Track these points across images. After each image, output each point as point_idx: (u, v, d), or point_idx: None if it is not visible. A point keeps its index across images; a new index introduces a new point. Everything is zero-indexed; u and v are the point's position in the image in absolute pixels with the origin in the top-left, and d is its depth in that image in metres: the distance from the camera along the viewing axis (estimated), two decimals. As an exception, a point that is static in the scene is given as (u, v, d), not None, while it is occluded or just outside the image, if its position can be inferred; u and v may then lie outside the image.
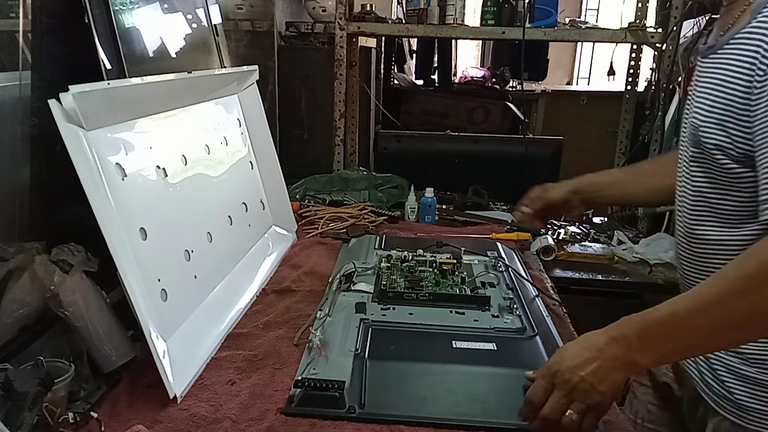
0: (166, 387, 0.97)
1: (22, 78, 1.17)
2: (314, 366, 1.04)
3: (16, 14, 1.18)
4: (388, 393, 0.99)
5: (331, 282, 1.45)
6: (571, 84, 6.08)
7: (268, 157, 1.75)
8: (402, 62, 4.06)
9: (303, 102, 2.60)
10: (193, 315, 1.16)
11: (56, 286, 0.98)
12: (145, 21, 1.37)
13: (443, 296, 1.33)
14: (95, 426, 0.92)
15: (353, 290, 1.36)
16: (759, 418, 0.96)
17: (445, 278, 1.43)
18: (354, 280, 1.41)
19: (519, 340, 1.16)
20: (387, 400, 0.97)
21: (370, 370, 1.03)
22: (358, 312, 1.25)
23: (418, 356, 1.09)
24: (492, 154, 2.57)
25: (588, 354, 0.83)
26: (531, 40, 2.28)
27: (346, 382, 0.98)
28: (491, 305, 1.30)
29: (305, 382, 0.97)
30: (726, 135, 0.88)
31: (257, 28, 2.48)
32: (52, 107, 0.90)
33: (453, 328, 1.20)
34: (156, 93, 1.19)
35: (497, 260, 1.57)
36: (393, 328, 1.20)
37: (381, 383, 1.01)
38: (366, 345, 1.11)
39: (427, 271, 1.47)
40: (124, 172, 1.04)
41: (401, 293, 1.32)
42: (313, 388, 0.97)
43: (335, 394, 0.96)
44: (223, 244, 1.38)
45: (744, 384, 0.97)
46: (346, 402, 0.95)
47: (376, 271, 1.47)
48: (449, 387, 1.00)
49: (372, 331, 1.16)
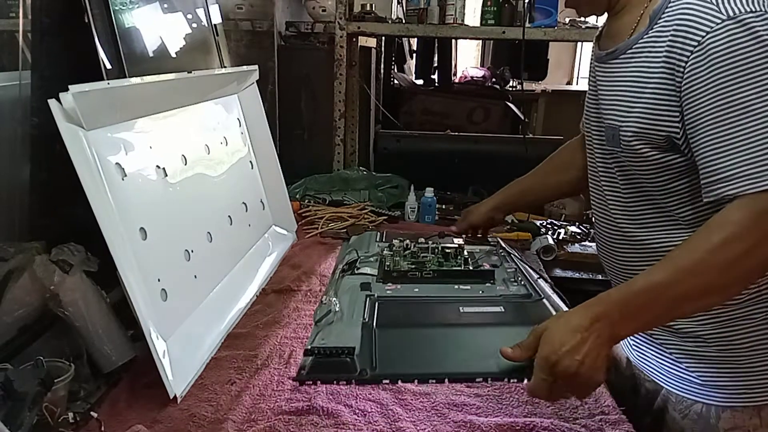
0: (166, 387, 0.97)
1: (22, 78, 1.17)
2: (323, 336, 1.03)
3: (16, 14, 1.18)
4: (398, 356, 0.98)
5: (334, 270, 1.44)
6: (571, 84, 6.08)
7: (268, 157, 1.75)
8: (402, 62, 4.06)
9: (303, 102, 2.60)
10: (193, 315, 1.16)
11: (56, 286, 0.98)
12: (145, 21, 1.37)
13: (448, 272, 1.31)
14: (95, 426, 0.92)
15: (357, 273, 1.34)
16: (728, 393, 1.02)
17: (448, 261, 1.42)
18: (357, 265, 1.40)
19: (526, 304, 1.16)
20: (398, 362, 0.96)
21: (379, 336, 1.02)
22: (363, 290, 1.23)
23: (426, 323, 1.08)
24: (492, 154, 2.56)
25: (579, 336, 0.85)
26: (531, 40, 2.28)
27: (356, 348, 0.97)
28: (495, 279, 1.29)
29: (315, 350, 0.96)
30: (649, 125, 0.95)
31: (257, 28, 2.48)
32: (52, 107, 0.90)
33: (459, 298, 1.19)
34: (156, 93, 1.19)
35: (498, 247, 1.56)
36: (399, 300, 1.19)
37: (390, 347, 1.00)
38: (373, 316, 1.10)
39: (430, 255, 1.46)
40: (124, 172, 1.04)
41: (405, 272, 1.31)
42: (323, 355, 0.96)
43: (346, 359, 0.95)
44: (223, 244, 1.38)
45: (706, 365, 1.03)
46: (357, 366, 0.95)
47: (379, 258, 1.46)
48: (459, 345, 1.00)
49: (378, 304, 1.15)
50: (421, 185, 2.14)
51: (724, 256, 0.83)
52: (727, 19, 0.84)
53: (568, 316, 0.88)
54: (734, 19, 0.84)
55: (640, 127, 0.97)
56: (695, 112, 0.89)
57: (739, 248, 0.82)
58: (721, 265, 0.83)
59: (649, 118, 0.95)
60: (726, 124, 0.85)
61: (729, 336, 1.01)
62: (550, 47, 4.44)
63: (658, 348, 1.09)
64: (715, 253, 0.83)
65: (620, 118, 1.01)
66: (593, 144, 1.14)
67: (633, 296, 0.87)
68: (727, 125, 0.85)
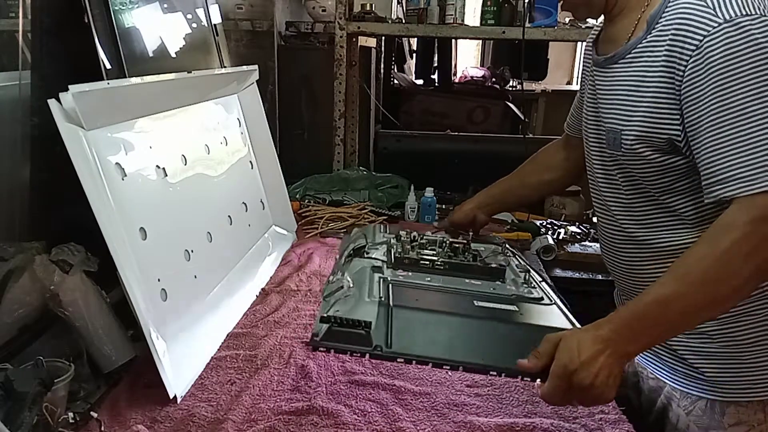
0: (166, 387, 0.97)
1: (22, 78, 1.17)
2: (338, 308, 1.00)
3: (16, 14, 1.18)
4: (413, 337, 0.96)
5: (340, 255, 1.42)
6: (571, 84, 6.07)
7: (268, 157, 1.75)
8: (402, 62, 4.05)
9: (303, 102, 2.60)
10: (193, 315, 1.16)
11: (56, 286, 0.98)
12: (145, 21, 1.37)
13: (459, 266, 1.30)
14: (95, 426, 0.92)
15: (366, 257, 1.33)
16: (732, 389, 1.02)
17: (456, 256, 1.41)
18: (366, 250, 1.38)
19: (539, 306, 1.15)
20: (413, 344, 0.94)
21: (396, 316, 1.00)
22: (375, 272, 1.22)
23: (441, 310, 1.07)
24: (492, 154, 2.56)
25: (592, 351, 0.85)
26: (531, 39, 2.28)
27: (372, 323, 0.95)
28: (506, 278, 1.28)
29: (331, 319, 0.94)
30: (651, 128, 0.96)
31: (257, 28, 2.48)
32: (52, 107, 0.90)
33: (472, 291, 1.18)
34: (156, 93, 1.19)
35: (503, 246, 1.56)
36: (413, 286, 1.17)
37: (407, 328, 0.98)
38: (389, 296, 1.08)
39: (438, 249, 1.45)
40: (124, 172, 1.04)
41: (416, 260, 1.30)
42: (339, 324, 0.93)
43: (362, 332, 0.93)
44: (223, 244, 1.38)
45: (710, 361, 1.03)
46: (372, 341, 0.92)
47: (387, 246, 1.44)
48: (474, 337, 0.98)
49: (393, 286, 1.14)
50: (421, 185, 2.14)
51: (731, 262, 0.83)
52: (724, 23, 0.85)
53: (581, 334, 0.88)
54: (731, 23, 0.85)
55: (642, 130, 0.97)
56: (694, 115, 0.89)
57: (744, 251, 0.83)
58: (729, 271, 0.83)
59: (650, 121, 0.96)
60: (723, 127, 0.86)
61: (733, 332, 1.01)
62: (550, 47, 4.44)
63: (662, 344, 1.09)
64: (722, 260, 0.83)
65: (621, 122, 1.01)
66: (591, 148, 1.14)
67: (643, 310, 0.87)
68: (724, 128, 0.86)
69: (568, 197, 2.22)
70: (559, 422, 0.98)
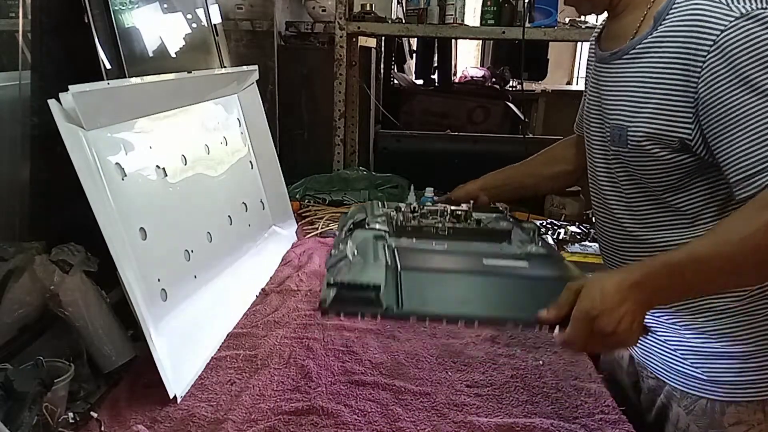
0: (166, 387, 0.97)
1: (22, 78, 1.17)
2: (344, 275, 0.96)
3: (16, 14, 1.18)
4: (424, 297, 0.94)
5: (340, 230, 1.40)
6: (571, 84, 6.08)
7: (268, 157, 1.75)
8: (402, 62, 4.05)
9: (303, 102, 2.60)
10: (193, 315, 1.16)
11: (56, 286, 0.98)
12: (145, 21, 1.37)
13: (463, 230, 1.26)
14: (95, 426, 0.92)
15: (368, 229, 1.31)
16: (732, 388, 1.02)
17: (458, 222, 1.39)
18: (367, 222, 1.36)
19: (550, 261, 1.13)
20: (425, 303, 0.93)
21: (405, 278, 0.97)
22: (378, 240, 1.21)
23: (450, 269, 1.06)
24: (492, 154, 2.56)
25: (618, 297, 0.83)
26: (531, 40, 2.28)
27: (381, 286, 0.92)
28: (512, 240, 1.27)
29: (339, 283, 0.91)
30: (660, 126, 0.95)
31: (257, 28, 2.48)
32: (52, 107, 0.90)
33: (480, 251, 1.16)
34: (156, 93, 1.19)
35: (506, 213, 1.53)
36: (419, 249, 1.16)
37: (417, 289, 0.95)
38: (395, 260, 1.07)
39: (440, 219, 1.43)
40: (123, 172, 1.04)
41: (419, 227, 1.28)
42: (348, 288, 0.90)
43: (371, 295, 0.90)
44: (223, 244, 1.38)
45: (710, 361, 1.03)
46: (383, 303, 0.90)
47: (387, 219, 1.43)
48: (486, 293, 0.95)
49: (398, 251, 1.13)
50: (421, 185, 2.14)
51: None
52: (740, 17, 0.85)
53: (607, 278, 0.86)
54: (747, 16, 0.84)
55: (650, 127, 0.96)
56: (717, 111, 0.88)
57: None
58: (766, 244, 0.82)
59: (660, 119, 0.95)
60: (757, 114, 0.84)
61: (733, 331, 1.01)
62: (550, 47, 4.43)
63: (662, 344, 1.09)
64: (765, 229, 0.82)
65: (628, 119, 1.01)
66: (593, 145, 1.14)
67: (676, 265, 0.86)
68: (759, 115, 0.84)
69: (568, 197, 2.22)
70: (559, 422, 0.98)
